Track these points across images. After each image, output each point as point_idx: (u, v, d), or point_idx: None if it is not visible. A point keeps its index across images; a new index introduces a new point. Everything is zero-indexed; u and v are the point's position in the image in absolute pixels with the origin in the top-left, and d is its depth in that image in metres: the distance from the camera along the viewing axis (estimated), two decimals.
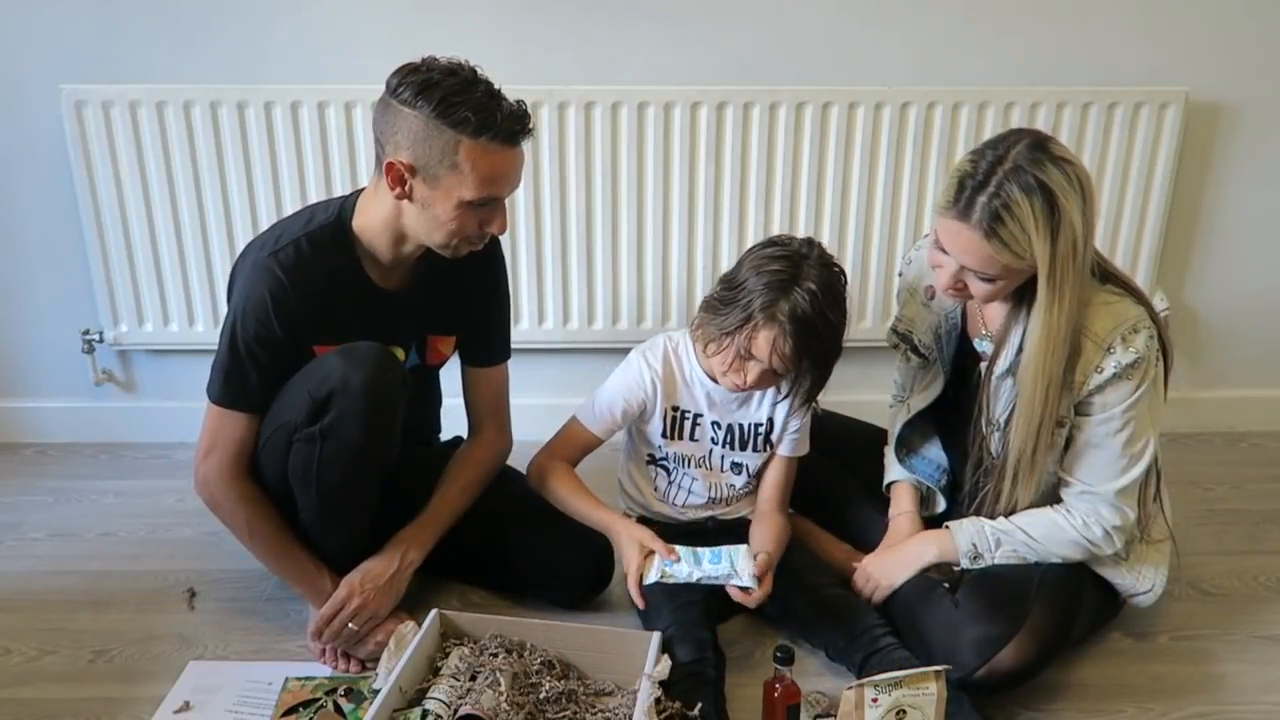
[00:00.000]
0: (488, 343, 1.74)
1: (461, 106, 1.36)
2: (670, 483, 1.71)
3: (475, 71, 1.41)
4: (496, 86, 1.42)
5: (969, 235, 1.36)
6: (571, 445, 1.71)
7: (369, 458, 1.49)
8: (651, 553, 1.53)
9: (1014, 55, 2.10)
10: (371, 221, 1.51)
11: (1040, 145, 1.35)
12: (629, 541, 1.57)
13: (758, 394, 1.65)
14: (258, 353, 1.50)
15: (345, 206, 1.54)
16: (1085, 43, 2.09)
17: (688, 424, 1.66)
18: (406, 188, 1.43)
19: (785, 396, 1.62)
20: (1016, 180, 1.32)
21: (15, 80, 2.04)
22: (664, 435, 1.67)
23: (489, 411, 1.77)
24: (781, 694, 1.41)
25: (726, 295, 1.54)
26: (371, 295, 1.55)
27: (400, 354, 1.61)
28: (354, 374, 1.44)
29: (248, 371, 1.50)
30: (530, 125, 1.44)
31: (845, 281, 1.54)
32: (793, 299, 1.47)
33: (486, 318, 1.72)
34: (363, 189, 1.55)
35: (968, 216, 1.35)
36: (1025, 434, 1.46)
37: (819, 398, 1.64)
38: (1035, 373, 1.42)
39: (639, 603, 1.53)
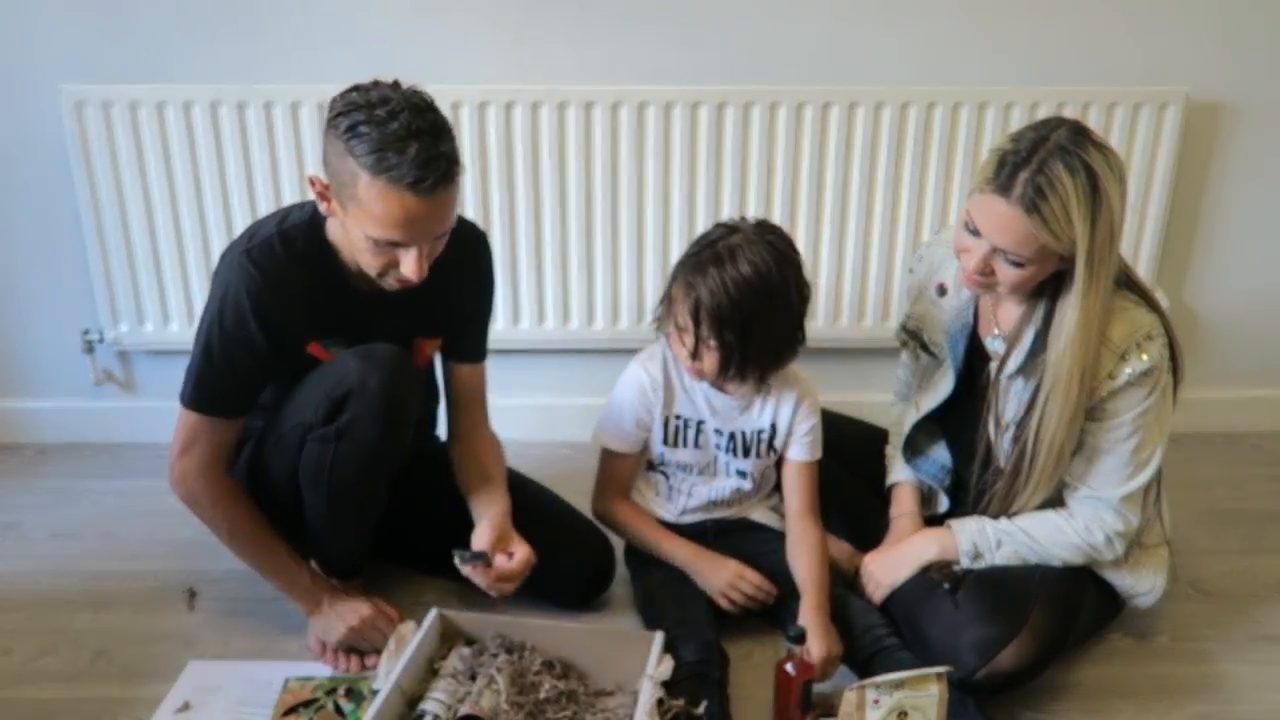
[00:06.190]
0: (474, 340, 1.73)
1: (366, 139, 1.27)
2: (671, 488, 1.70)
3: (415, 103, 1.30)
4: (428, 122, 1.29)
5: (1008, 212, 1.35)
6: (616, 477, 1.70)
7: (382, 458, 1.49)
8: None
9: (1014, 55, 2.09)
10: (334, 226, 1.48)
11: (1081, 130, 1.37)
12: (719, 568, 1.59)
13: (759, 400, 1.64)
14: (236, 356, 1.46)
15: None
16: (1085, 43, 2.09)
17: (690, 432, 1.65)
18: (330, 205, 1.40)
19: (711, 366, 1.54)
20: (1061, 159, 1.32)
21: (15, 80, 2.04)
22: (665, 443, 1.66)
23: (481, 401, 1.73)
24: (799, 671, 1.40)
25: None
26: (351, 294, 1.53)
27: None
28: (371, 375, 1.44)
29: (224, 375, 1.47)
30: (452, 176, 1.32)
31: (783, 250, 1.49)
32: (700, 259, 1.47)
33: (479, 316, 1.71)
34: None
35: (1008, 192, 1.34)
36: (1058, 423, 1.44)
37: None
38: (1072, 360, 1.40)
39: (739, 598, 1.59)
